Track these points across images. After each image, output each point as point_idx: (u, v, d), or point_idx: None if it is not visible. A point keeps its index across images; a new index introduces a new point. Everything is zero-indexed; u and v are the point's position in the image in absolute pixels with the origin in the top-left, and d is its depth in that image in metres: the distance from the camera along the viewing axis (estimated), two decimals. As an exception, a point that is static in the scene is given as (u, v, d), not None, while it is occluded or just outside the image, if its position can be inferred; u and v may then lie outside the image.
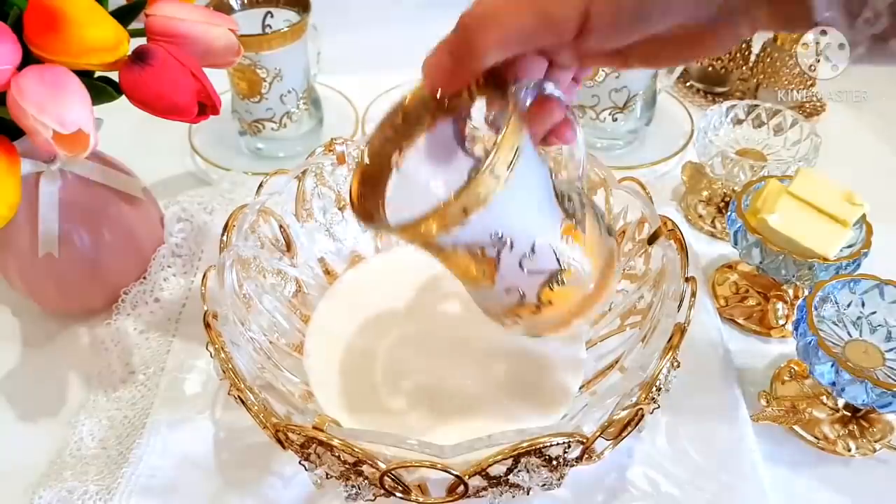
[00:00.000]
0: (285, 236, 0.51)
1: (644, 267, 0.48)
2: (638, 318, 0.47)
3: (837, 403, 0.48)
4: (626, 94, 0.67)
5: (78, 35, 0.38)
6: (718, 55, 0.29)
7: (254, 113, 0.67)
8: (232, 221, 0.47)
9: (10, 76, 0.38)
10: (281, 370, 0.45)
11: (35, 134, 0.38)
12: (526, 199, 0.35)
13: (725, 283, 0.58)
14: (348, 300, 0.53)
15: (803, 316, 0.44)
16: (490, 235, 0.35)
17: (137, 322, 0.54)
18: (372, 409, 0.46)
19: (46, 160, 0.48)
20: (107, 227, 0.52)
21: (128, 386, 0.51)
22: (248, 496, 0.44)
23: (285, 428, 0.36)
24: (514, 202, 0.34)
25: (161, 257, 0.56)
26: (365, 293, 0.54)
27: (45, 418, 0.50)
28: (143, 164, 0.58)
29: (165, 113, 0.42)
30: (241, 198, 0.62)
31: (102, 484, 0.44)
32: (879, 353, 0.46)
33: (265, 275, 0.49)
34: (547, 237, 0.36)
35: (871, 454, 0.46)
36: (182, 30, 0.43)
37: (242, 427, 0.46)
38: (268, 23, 0.66)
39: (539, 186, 0.36)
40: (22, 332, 0.56)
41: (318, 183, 0.53)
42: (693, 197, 0.66)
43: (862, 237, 0.50)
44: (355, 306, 0.53)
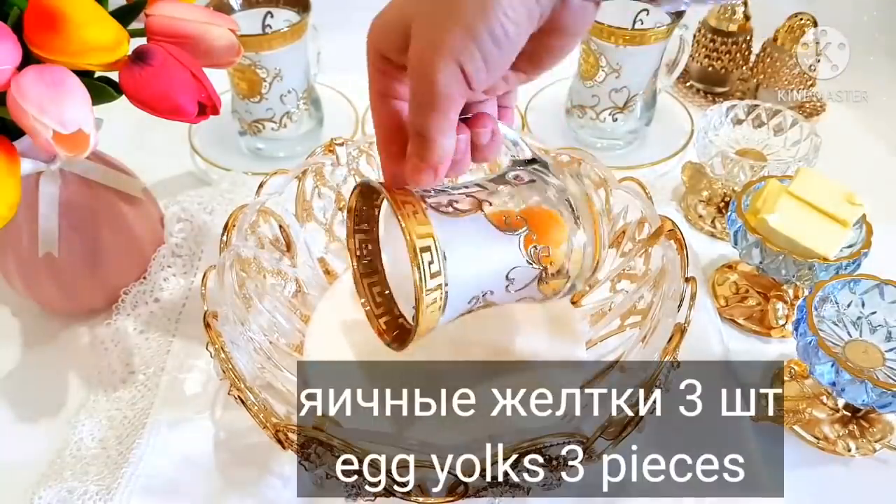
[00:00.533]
0: (285, 236, 0.51)
1: (644, 267, 0.48)
2: (638, 318, 0.47)
3: (837, 403, 0.48)
4: (626, 95, 0.67)
5: (78, 35, 0.38)
6: (580, 33, 0.33)
7: (254, 113, 0.67)
8: (232, 221, 0.47)
9: (10, 76, 0.38)
10: (281, 370, 0.45)
11: (35, 134, 0.38)
12: (475, 265, 0.37)
13: (725, 283, 0.58)
14: (348, 300, 0.53)
15: (803, 316, 0.44)
16: (470, 302, 0.38)
17: (137, 322, 0.54)
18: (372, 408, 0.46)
19: (46, 160, 0.48)
20: (107, 227, 0.52)
21: (128, 386, 0.51)
22: (248, 496, 0.44)
23: (285, 428, 0.36)
24: (467, 276, 0.37)
25: (161, 257, 0.56)
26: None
27: (45, 418, 0.50)
28: (143, 164, 0.58)
29: (165, 113, 0.42)
30: (241, 198, 0.62)
31: (102, 484, 0.44)
32: (879, 353, 0.46)
33: (265, 275, 0.49)
34: (513, 262, 0.38)
35: (871, 454, 0.46)
36: (182, 30, 0.43)
37: (242, 427, 0.46)
38: (268, 23, 0.66)
39: (475, 244, 0.37)
40: (22, 332, 0.56)
41: (318, 183, 0.53)
42: (693, 197, 0.66)
43: (862, 237, 0.50)
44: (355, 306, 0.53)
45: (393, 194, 0.37)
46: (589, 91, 0.68)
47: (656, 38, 0.63)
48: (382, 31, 0.34)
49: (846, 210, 0.50)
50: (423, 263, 0.35)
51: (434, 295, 0.36)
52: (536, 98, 0.77)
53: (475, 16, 0.30)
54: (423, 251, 0.35)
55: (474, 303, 0.39)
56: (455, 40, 0.30)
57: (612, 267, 0.51)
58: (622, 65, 0.65)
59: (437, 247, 0.35)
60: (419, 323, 0.36)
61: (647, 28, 0.65)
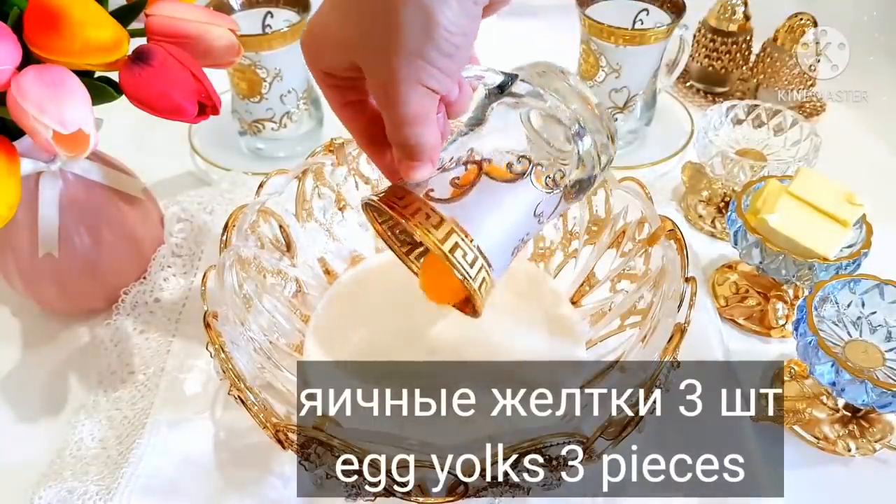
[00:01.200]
0: (285, 236, 0.51)
1: (644, 267, 0.48)
2: (638, 318, 0.47)
3: (837, 403, 0.48)
4: (626, 95, 0.67)
5: (78, 35, 0.38)
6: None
7: (254, 113, 0.67)
8: (232, 221, 0.47)
9: (10, 76, 0.38)
10: (281, 370, 0.45)
11: (35, 134, 0.38)
12: (502, 226, 0.37)
13: (725, 283, 0.58)
14: (348, 300, 0.53)
15: (803, 316, 0.44)
16: (513, 253, 0.38)
17: (137, 322, 0.54)
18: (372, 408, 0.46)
19: (46, 160, 0.48)
20: (107, 227, 0.52)
21: (128, 386, 0.51)
22: (248, 496, 0.44)
23: (285, 428, 0.36)
24: (501, 240, 0.37)
25: (161, 257, 0.56)
26: (365, 293, 0.54)
27: (45, 418, 0.50)
28: (143, 164, 0.58)
29: (165, 113, 0.42)
30: (241, 198, 0.62)
31: (102, 484, 0.45)
32: (879, 353, 0.46)
33: (265, 275, 0.49)
34: (534, 200, 0.37)
35: (871, 454, 0.46)
36: (182, 30, 0.43)
37: (242, 427, 0.46)
38: (268, 23, 0.66)
39: (494, 209, 0.36)
40: (22, 332, 0.56)
41: (318, 183, 0.53)
42: (693, 197, 0.66)
43: (862, 237, 0.50)
44: (355, 306, 0.53)
45: (396, 208, 0.36)
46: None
47: (656, 38, 0.63)
48: (319, 53, 0.34)
49: (846, 210, 0.50)
50: (458, 260, 0.35)
51: (480, 276, 0.36)
52: (536, 98, 0.77)
53: (420, 42, 0.30)
54: (452, 251, 0.35)
55: (517, 250, 0.38)
56: (410, 68, 0.30)
57: (612, 267, 0.51)
58: (622, 65, 0.65)
59: (461, 237, 0.35)
60: (478, 302, 0.37)
61: (647, 28, 0.65)
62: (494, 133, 0.38)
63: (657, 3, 0.65)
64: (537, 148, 0.37)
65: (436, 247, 0.35)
